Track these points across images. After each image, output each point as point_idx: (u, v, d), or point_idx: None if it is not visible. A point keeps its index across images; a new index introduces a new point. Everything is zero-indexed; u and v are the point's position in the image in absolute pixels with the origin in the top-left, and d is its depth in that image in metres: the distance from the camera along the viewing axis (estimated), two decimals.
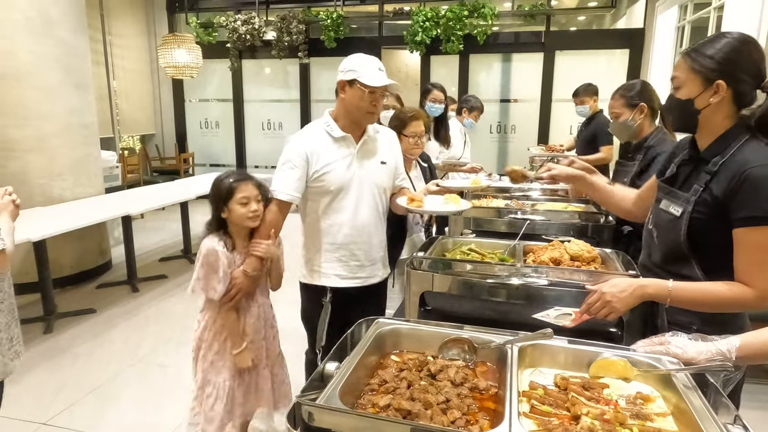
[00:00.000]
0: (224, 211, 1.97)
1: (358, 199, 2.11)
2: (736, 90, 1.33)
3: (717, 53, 1.32)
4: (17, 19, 4.19)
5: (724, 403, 1.03)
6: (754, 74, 1.33)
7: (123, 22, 7.79)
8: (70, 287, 4.69)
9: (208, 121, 8.71)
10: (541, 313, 1.46)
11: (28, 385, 3.07)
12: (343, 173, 2.06)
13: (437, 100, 3.90)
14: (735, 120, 1.37)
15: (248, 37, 7.58)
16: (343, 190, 2.07)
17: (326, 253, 2.15)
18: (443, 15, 6.82)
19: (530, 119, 7.37)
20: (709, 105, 1.35)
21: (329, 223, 2.11)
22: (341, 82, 2.03)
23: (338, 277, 2.16)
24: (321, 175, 2.04)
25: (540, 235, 2.38)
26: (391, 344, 1.37)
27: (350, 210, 2.10)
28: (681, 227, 1.39)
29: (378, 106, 2.04)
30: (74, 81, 4.66)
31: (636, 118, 2.37)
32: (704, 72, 1.34)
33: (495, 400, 1.14)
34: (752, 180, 1.26)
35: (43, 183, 4.48)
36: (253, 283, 2.05)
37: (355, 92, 2.00)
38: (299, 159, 2.02)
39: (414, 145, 2.68)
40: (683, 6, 5.59)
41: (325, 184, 2.05)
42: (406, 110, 2.73)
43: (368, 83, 1.95)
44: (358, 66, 1.98)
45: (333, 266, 2.16)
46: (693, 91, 1.37)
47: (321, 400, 1.03)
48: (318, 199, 2.10)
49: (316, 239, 2.15)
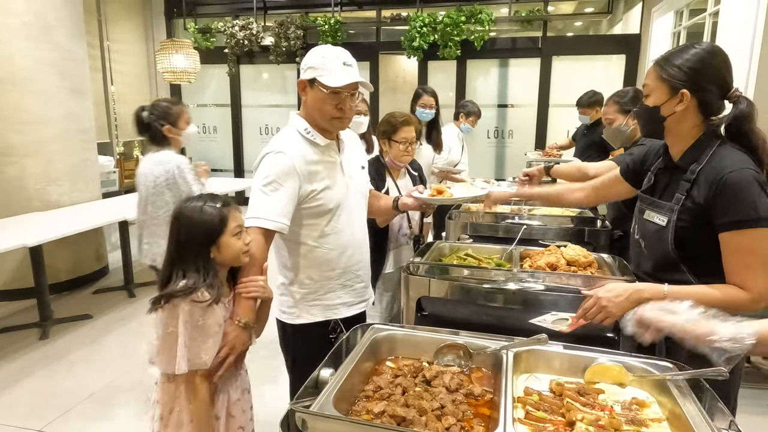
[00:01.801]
0: (213, 249, 1.46)
1: (353, 214, 1.84)
2: (701, 99, 1.37)
3: (684, 63, 1.37)
4: (14, 24, 4.19)
5: (719, 408, 1.03)
6: (720, 84, 1.37)
7: (121, 27, 7.79)
8: (66, 293, 4.67)
9: (205, 126, 8.70)
10: (538, 318, 1.46)
11: (24, 391, 3.05)
12: (338, 188, 1.76)
13: (428, 105, 3.83)
14: (703, 128, 1.41)
15: (246, 42, 7.60)
16: (340, 207, 1.77)
17: (329, 282, 1.81)
18: (440, 21, 6.84)
19: (527, 124, 7.39)
20: (674, 113, 1.40)
21: (330, 247, 1.78)
22: (301, 81, 1.72)
23: (345, 305, 1.85)
24: (317, 194, 1.70)
25: (537, 240, 2.38)
26: (387, 350, 1.37)
27: (349, 227, 1.81)
28: (668, 236, 1.42)
29: (346, 110, 1.70)
30: (72, 86, 4.66)
31: (629, 123, 2.40)
32: (671, 81, 1.38)
33: (490, 406, 1.13)
34: (730, 185, 1.29)
35: (40, 188, 4.47)
36: (249, 338, 1.57)
37: (316, 94, 1.67)
38: (286, 177, 1.64)
39: (404, 151, 2.48)
40: (679, 12, 5.62)
41: (323, 203, 1.72)
42: (397, 114, 2.53)
43: (329, 83, 1.62)
44: (317, 62, 1.65)
45: (338, 295, 1.83)
46: (660, 98, 1.42)
47: (315, 406, 1.03)
48: (313, 223, 1.74)
49: (314, 270, 1.78)
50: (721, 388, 1.11)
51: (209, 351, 1.43)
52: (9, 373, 3.25)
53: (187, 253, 1.44)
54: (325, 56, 1.66)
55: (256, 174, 1.69)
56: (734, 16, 3.78)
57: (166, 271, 1.46)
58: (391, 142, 2.47)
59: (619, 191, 1.79)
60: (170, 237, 1.48)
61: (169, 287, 1.42)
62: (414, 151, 2.54)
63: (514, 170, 6.74)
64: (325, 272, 1.79)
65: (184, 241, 1.45)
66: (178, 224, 1.46)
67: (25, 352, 3.53)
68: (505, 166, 7.50)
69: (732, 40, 3.74)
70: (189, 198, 1.52)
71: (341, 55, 1.67)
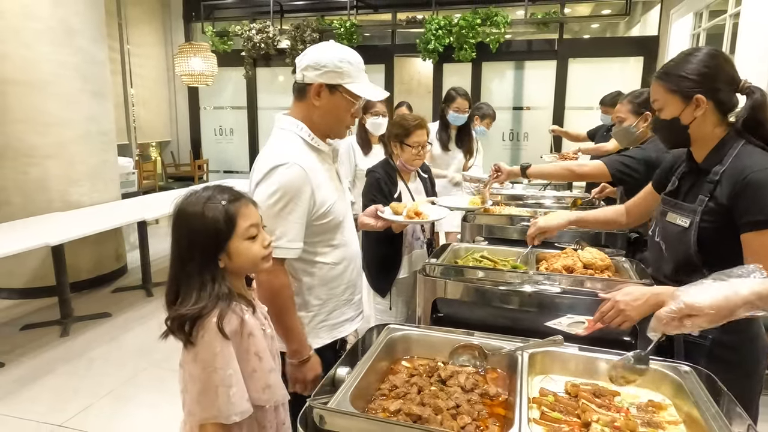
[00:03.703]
0: (221, 257, 1.16)
1: (351, 223, 1.75)
2: (716, 99, 1.39)
3: (691, 71, 1.39)
4: (39, 29, 4.30)
5: (737, 412, 1.02)
6: (729, 81, 1.40)
7: (141, 31, 7.93)
8: (86, 291, 4.77)
9: (222, 128, 8.81)
10: (554, 321, 1.45)
11: (45, 387, 3.12)
12: (340, 197, 1.64)
13: (461, 109, 3.59)
14: (724, 126, 1.42)
15: (263, 45, 7.67)
16: (345, 218, 1.66)
17: (335, 300, 1.68)
18: (456, 23, 6.84)
19: (543, 127, 7.33)
20: (694, 119, 1.41)
21: (337, 262, 1.65)
22: (318, 84, 1.52)
23: (349, 321, 1.75)
24: (329, 209, 1.56)
25: (553, 243, 2.37)
26: (402, 350, 1.38)
27: (351, 238, 1.71)
28: (690, 238, 1.41)
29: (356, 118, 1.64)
30: (93, 89, 4.76)
31: (639, 125, 2.38)
32: (681, 90, 1.40)
33: (505, 407, 1.14)
34: (754, 184, 1.29)
35: (61, 189, 4.57)
36: (313, 365, 1.55)
37: (338, 101, 1.54)
38: (301, 193, 1.47)
39: (416, 155, 2.44)
40: (698, 13, 5.55)
41: (334, 217, 1.58)
42: (410, 117, 2.48)
43: (365, 95, 1.53)
44: (341, 66, 1.50)
45: (342, 311, 1.72)
46: (675, 110, 1.43)
47: (332, 403, 1.04)
48: (325, 239, 1.60)
49: (322, 289, 1.64)
50: (741, 394, 1.10)
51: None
52: (31, 369, 3.33)
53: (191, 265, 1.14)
54: (351, 62, 1.52)
55: (261, 191, 1.46)
56: (756, 17, 3.73)
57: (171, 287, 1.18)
58: (404, 145, 2.43)
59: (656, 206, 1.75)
60: (172, 244, 1.17)
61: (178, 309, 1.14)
62: (425, 155, 2.51)
63: None
64: (332, 289, 1.66)
65: (186, 249, 1.15)
66: (178, 226, 1.16)
67: (46, 349, 3.61)
68: None
69: (753, 41, 3.69)
70: (192, 191, 1.19)
71: (359, 60, 1.56)
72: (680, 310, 1.01)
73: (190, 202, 1.16)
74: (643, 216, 1.87)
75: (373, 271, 2.51)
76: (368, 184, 2.50)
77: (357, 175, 3.41)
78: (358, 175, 3.39)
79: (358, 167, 3.37)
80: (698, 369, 1.18)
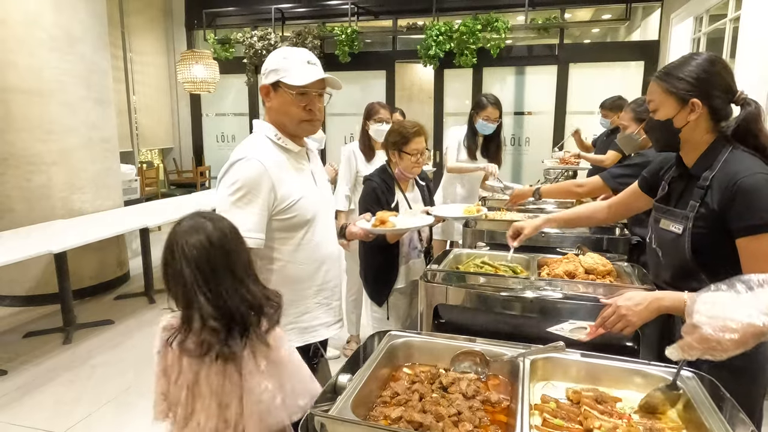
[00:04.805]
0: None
1: (328, 227, 1.76)
2: (711, 106, 1.40)
3: (688, 74, 1.40)
4: (42, 38, 4.33)
5: (740, 418, 1.02)
6: (725, 89, 1.40)
7: (143, 39, 7.99)
8: (88, 298, 4.77)
9: (224, 135, 8.84)
10: (556, 327, 1.45)
11: (47, 394, 3.12)
12: (313, 197, 1.66)
13: (491, 118, 3.39)
14: (715, 134, 1.43)
15: (264, 52, 7.71)
16: (316, 218, 1.67)
17: (305, 302, 1.68)
18: (457, 29, 6.87)
19: (544, 132, 7.35)
20: (687, 123, 1.42)
21: (305, 262, 1.66)
22: (264, 87, 1.61)
23: (324, 326, 1.74)
24: (293, 204, 1.58)
25: (554, 248, 2.37)
26: (403, 357, 1.38)
27: (325, 240, 1.72)
28: (685, 244, 1.42)
29: (315, 111, 1.62)
30: (96, 97, 4.78)
31: (641, 132, 2.39)
32: (678, 93, 1.41)
33: (507, 413, 1.14)
34: (744, 190, 1.30)
35: (64, 196, 4.59)
36: None
37: (282, 97, 1.58)
38: (260, 186, 1.51)
39: (414, 163, 2.40)
40: (698, 18, 5.56)
41: (298, 214, 1.60)
42: (408, 124, 2.44)
43: (294, 82, 1.54)
44: (279, 63, 1.56)
45: (315, 315, 1.70)
46: (670, 111, 1.44)
47: (333, 411, 1.04)
48: (287, 236, 1.62)
49: (288, 288, 1.58)
50: (744, 400, 1.09)
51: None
52: (34, 376, 3.33)
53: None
54: (287, 57, 1.57)
55: (222, 185, 1.54)
56: (756, 21, 3.73)
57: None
58: (402, 153, 2.39)
59: (639, 205, 1.82)
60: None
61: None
62: (424, 162, 2.48)
63: (531, 177, 6.71)
64: (300, 290, 1.66)
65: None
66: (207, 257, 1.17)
67: (49, 356, 3.61)
68: (522, 174, 7.47)
69: (753, 45, 3.70)
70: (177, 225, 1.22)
71: (304, 54, 1.59)
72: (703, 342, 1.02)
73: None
74: (625, 213, 1.94)
75: (370, 280, 2.51)
76: (365, 193, 2.49)
77: (358, 181, 3.41)
78: (359, 180, 3.40)
79: (360, 173, 3.38)
80: (701, 374, 1.18)
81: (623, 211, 1.92)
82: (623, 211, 1.92)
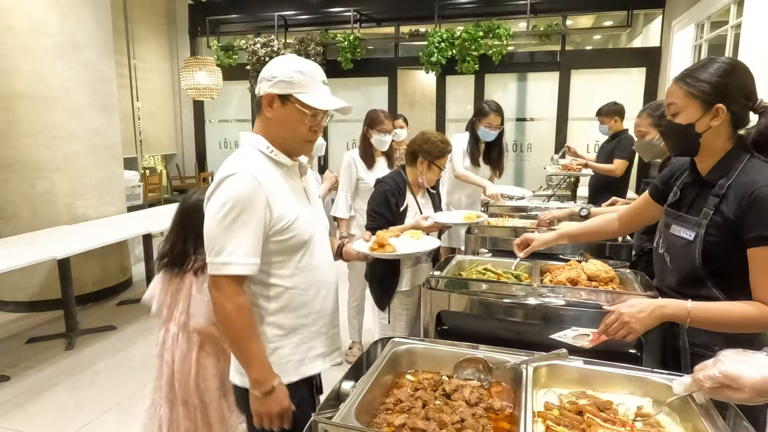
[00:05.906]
0: None
1: (325, 248, 1.61)
2: (733, 112, 1.36)
3: (712, 77, 1.35)
4: (47, 45, 4.36)
5: (744, 426, 1.01)
6: (747, 96, 1.37)
7: (147, 46, 8.05)
8: (91, 304, 4.79)
9: (227, 141, 8.88)
10: (559, 334, 1.45)
11: (50, 400, 3.12)
12: (308, 216, 1.51)
13: (493, 125, 3.39)
14: (732, 141, 1.40)
15: (267, 59, 7.75)
16: (313, 239, 1.52)
17: (303, 331, 1.52)
18: (459, 36, 6.90)
19: (546, 138, 7.37)
20: (709, 128, 1.38)
21: (303, 288, 1.51)
22: (269, 96, 1.44)
23: (321, 357, 1.58)
24: (290, 224, 1.43)
25: (557, 255, 2.37)
26: (407, 364, 1.38)
27: (323, 263, 1.58)
28: (695, 251, 1.39)
29: (318, 133, 1.51)
30: (100, 103, 4.82)
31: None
32: (702, 96, 1.36)
33: (510, 421, 1.14)
34: (761, 199, 1.28)
35: (68, 202, 4.61)
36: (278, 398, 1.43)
37: (289, 113, 1.44)
38: (254, 205, 1.35)
39: (438, 175, 2.52)
40: (700, 24, 5.58)
41: (296, 234, 1.45)
42: (445, 139, 2.46)
43: (315, 104, 1.42)
44: (294, 77, 1.41)
45: (312, 345, 1.55)
46: (693, 115, 1.39)
47: (337, 418, 1.04)
48: (284, 260, 1.46)
49: (285, 316, 1.49)
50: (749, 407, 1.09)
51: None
52: (36, 382, 3.34)
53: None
54: (304, 72, 1.43)
55: (211, 205, 1.37)
56: (757, 28, 3.75)
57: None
58: (433, 165, 2.46)
59: (651, 215, 1.76)
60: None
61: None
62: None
63: (533, 183, 6.71)
64: (298, 318, 1.50)
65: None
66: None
67: (51, 362, 3.62)
68: (524, 180, 7.48)
69: (755, 52, 3.71)
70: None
71: (319, 72, 1.48)
72: (721, 381, 1.01)
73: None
74: (636, 224, 1.89)
75: (374, 283, 2.52)
76: (374, 195, 2.52)
77: (359, 188, 3.42)
78: (360, 187, 3.41)
79: (360, 180, 3.39)
80: None
81: (634, 223, 1.86)
82: (634, 223, 1.86)
